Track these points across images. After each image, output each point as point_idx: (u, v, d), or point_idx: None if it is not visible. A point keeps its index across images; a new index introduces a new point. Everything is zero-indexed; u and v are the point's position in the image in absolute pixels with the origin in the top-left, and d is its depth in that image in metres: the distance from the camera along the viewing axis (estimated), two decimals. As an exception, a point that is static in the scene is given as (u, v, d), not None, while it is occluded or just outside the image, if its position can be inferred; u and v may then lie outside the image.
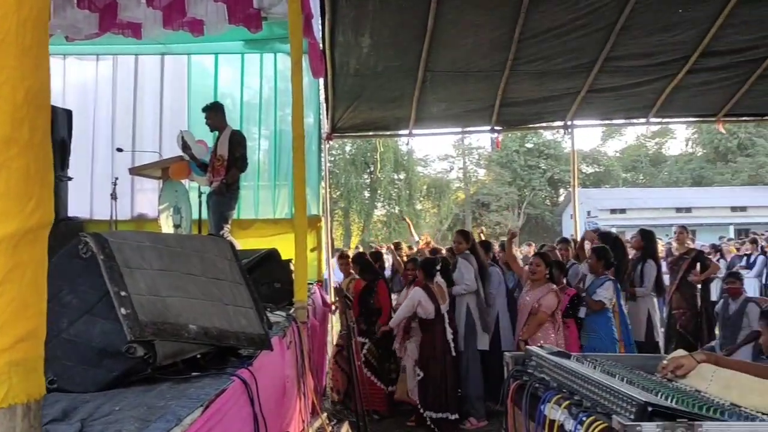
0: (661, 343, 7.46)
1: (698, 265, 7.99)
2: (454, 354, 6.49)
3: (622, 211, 37.36)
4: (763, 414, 2.01)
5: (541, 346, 2.95)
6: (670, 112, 9.78)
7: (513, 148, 44.41)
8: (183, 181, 6.92)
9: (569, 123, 9.71)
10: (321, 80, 7.70)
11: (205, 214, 6.34)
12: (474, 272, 6.75)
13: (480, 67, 8.32)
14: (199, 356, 2.40)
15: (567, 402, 2.22)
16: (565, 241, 8.37)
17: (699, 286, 8.02)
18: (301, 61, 4.32)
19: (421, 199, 42.43)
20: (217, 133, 6.48)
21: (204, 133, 6.84)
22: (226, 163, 6.24)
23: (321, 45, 6.54)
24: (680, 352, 2.54)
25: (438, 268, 6.64)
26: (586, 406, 2.15)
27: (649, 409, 1.89)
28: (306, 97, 6.94)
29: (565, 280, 6.71)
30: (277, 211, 7.99)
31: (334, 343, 7.69)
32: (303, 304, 4.13)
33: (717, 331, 7.34)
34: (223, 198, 6.21)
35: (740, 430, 1.90)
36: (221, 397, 2.02)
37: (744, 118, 10.37)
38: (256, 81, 8.17)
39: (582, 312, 6.32)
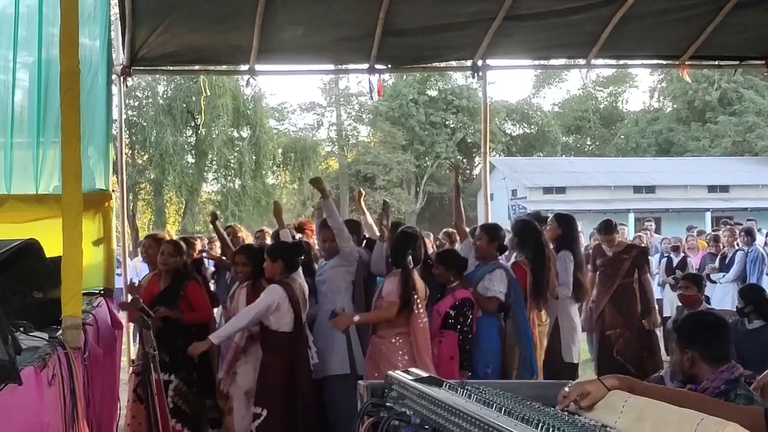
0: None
1: (636, 270, 8.48)
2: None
3: (561, 190, 38.79)
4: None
5: (407, 371, 3.18)
6: (620, 50, 10.32)
7: (409, 97, 44.77)
8: None
9: (480, 63, 10.02)
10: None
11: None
12: None
13: (355, -24, 8.48)
14: None
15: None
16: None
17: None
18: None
19: (275, 168, 42.20)
20: None
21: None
22: None
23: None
24: (588, 375, 2.82)
25: (302, 258, 6.81)
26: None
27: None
28: (88, 10, 6.84)
29: None
30: (41, 183, 7.78)
31: (130, 373, 7.64)
32: (75, 321, 4.12)
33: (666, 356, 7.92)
34: None
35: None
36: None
37: (718, 62, 11.11)
38: (10, -19, 7.92)
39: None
